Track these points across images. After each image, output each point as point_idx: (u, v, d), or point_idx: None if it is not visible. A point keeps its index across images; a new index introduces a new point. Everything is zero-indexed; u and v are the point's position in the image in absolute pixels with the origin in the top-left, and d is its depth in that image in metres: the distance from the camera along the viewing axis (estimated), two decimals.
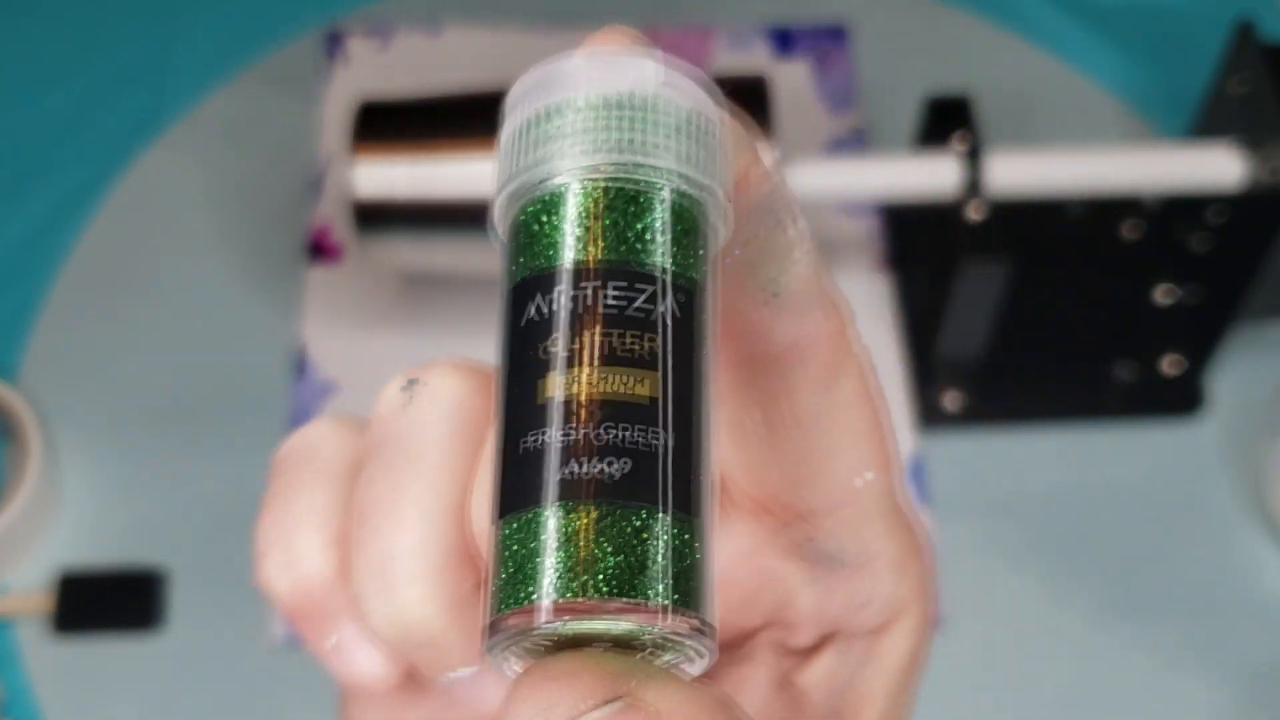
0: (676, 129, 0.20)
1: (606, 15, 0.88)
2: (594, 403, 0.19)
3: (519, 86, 0.21)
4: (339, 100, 0.84)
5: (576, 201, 0.19)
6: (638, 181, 0.20)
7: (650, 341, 0.19)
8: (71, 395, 0.75)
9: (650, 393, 0.19)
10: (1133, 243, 0.79)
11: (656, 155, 0.20)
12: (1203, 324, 0.74)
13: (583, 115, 0.20)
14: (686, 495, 0.19)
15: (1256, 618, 0.69)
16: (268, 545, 0.24)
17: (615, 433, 0.19)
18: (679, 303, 0.19)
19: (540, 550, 0.18)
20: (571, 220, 0.19)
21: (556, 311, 0.19)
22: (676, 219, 0.20)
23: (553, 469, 0.19)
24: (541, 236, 0.20)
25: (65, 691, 0.67)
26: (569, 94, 0.20)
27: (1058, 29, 0.88)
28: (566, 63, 0.20)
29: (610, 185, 0.19)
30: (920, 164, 0.69)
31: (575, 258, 0.19)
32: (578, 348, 0.19)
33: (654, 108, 0.20)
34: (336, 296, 0.78)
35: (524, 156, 0.20)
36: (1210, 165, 0.68)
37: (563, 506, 0.18)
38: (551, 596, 0.18)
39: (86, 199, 0.81)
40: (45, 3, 0.89)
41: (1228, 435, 0.74)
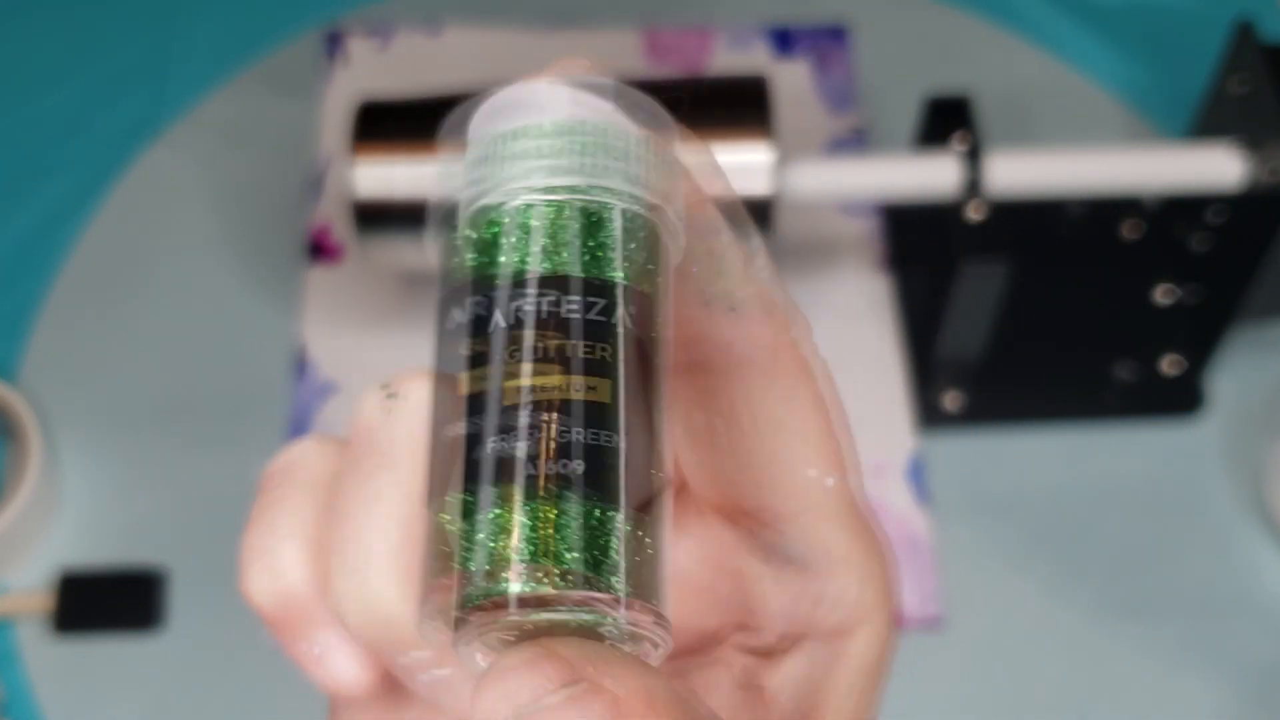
0: (626, 153, 0.22)
1: (605, 16, 0.89)
2: (555, 405, 0.20)
3: (487, 106, 0.23)
4: (339, 100, 0.84)
5: (539, 217, 0.21)
6: (592, 201, 0.21)
7: (605, 349, 0.21)
8: (71, 395, 0.75)
9: (606, 397, 0.20)
10: (1133, 243, 0.79)
11: (608, 177, 0.21)
12: (1202, 324, 0.74)
13: (545, 140, 0.22)
14: (641, 493, 0.21)
15: (1256, 617, 0.69)
16: (250, 557, 0.24)
17: (576, 433, 0.20)
18: (630, 313, 0.21)
19: (505, 545, 0.20)
20: (535, 234, 0.21)
21: (522, 319, 0.21)
22: (628, 235, 0.22)
23: (518, 468, 0.20)
24: (509, 248, 0.21)
25: (65, 691, 0.67)
26: (533, 119, 0.22)
27: (1057, 29, 0.88)
28: (530, 88, 0.22)
29: (568, 203, 0.21)
30: (920, 164, 0.69)
31: (539, 269, 0.21)
32: (541, 353, 0.20)
33: (606, 133, 0.22)
34: (336, 296, 0.78)
35: (492, 173, 0.22)
36: (1210, 165, 0.68)
37: (527, 504, 0.20)
38: (516, 589, 0.20)
39: (87, 199, 0.81)
40: (45, 3, 0.89)
41: (1227, 435, 0.74)
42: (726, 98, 0.68)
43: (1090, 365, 0.76)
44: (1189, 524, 0.72)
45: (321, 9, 0.89)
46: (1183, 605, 0.69)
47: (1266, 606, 0.69)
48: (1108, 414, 0.74)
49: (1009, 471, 0.73)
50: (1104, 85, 0.86)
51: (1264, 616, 0.69)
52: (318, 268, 0.79)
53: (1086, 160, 0.69)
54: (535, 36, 0.88)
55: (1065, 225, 0.79)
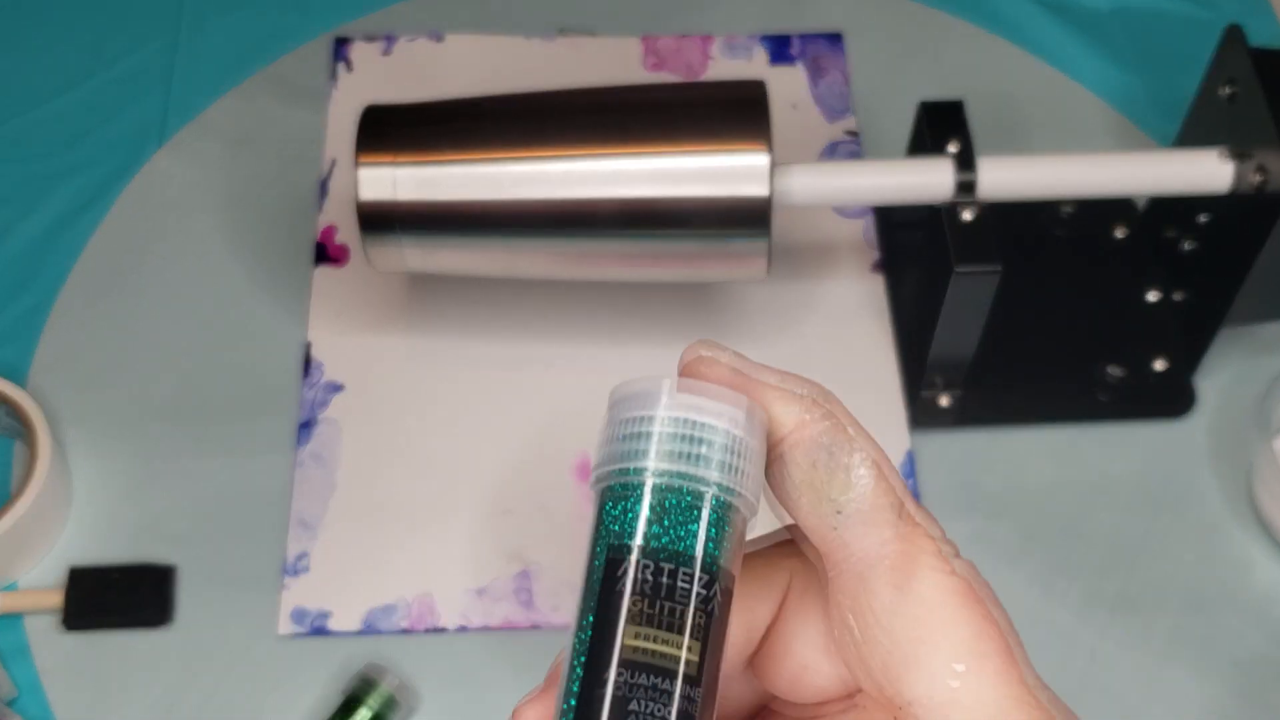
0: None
1: (606, 25, 0.90)
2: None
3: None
4: (344, 105, 0.85)
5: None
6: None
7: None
8: (80, 396, 0.76)
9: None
10: (1123, 245, 0.80)
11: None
12: (1192, 325, 0.75)
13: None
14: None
15: (1245, 613, 0.70)
16: None
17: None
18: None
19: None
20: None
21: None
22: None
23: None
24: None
25: (75, 686, 0.68)
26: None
27: (1049, 35, 0.89)
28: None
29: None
30: (914, 168, 0.69)
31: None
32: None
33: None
34: (342, 299, 0.79)
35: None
36: (1199, 169, 0.69)
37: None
38: None
39: (95, 202, 0.82)
40: (54, 9, 0.90)
41: (1216, 434, 0.75)
42: (724, 103, 0.69)
43: (1081, 365, 0.76)
44: (1179, 521, 0.73)
45: (327, 16, 0.90)
46: (1172, 601, 0.70)
47: (1255, 602, 0.70)
48: (1098, 413, 0.75)
49: (1001, 470, 0.74)
50: (1094, 89, 0.87)
51: (1252, 612, 0.70)
52: (323, 270, 0.80)
53: (1077, 164, 0.70)
54: (536, 44, 0.89)
55: (1057, 227, 0.80)
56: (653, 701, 0.25)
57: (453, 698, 0.67)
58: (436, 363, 0.76)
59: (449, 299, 0.79)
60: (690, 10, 0.91)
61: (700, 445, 0.26)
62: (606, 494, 0.26)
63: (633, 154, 0.67)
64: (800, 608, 0.29)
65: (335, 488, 0.73)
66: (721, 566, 0.26)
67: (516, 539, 0.72)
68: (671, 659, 0.25)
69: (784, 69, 0.88)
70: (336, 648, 0.68)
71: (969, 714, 0.26)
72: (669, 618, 0.25)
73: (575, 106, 0.70)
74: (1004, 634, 0.27)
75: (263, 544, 0.71)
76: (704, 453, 0.26)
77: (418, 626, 0.69)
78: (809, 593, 0.29)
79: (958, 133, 0.69)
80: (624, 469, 0.26)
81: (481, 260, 0.71)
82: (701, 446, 0.26)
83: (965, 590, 0.27)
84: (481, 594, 0.70)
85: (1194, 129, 0.75)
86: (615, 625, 0.25)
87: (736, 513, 0.26)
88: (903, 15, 0.90)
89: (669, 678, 0.25)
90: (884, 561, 0.27)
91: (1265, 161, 0.66)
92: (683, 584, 0.25)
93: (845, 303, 0.78)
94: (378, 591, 0.70)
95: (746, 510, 0.27)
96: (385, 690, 0.66)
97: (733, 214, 0.67)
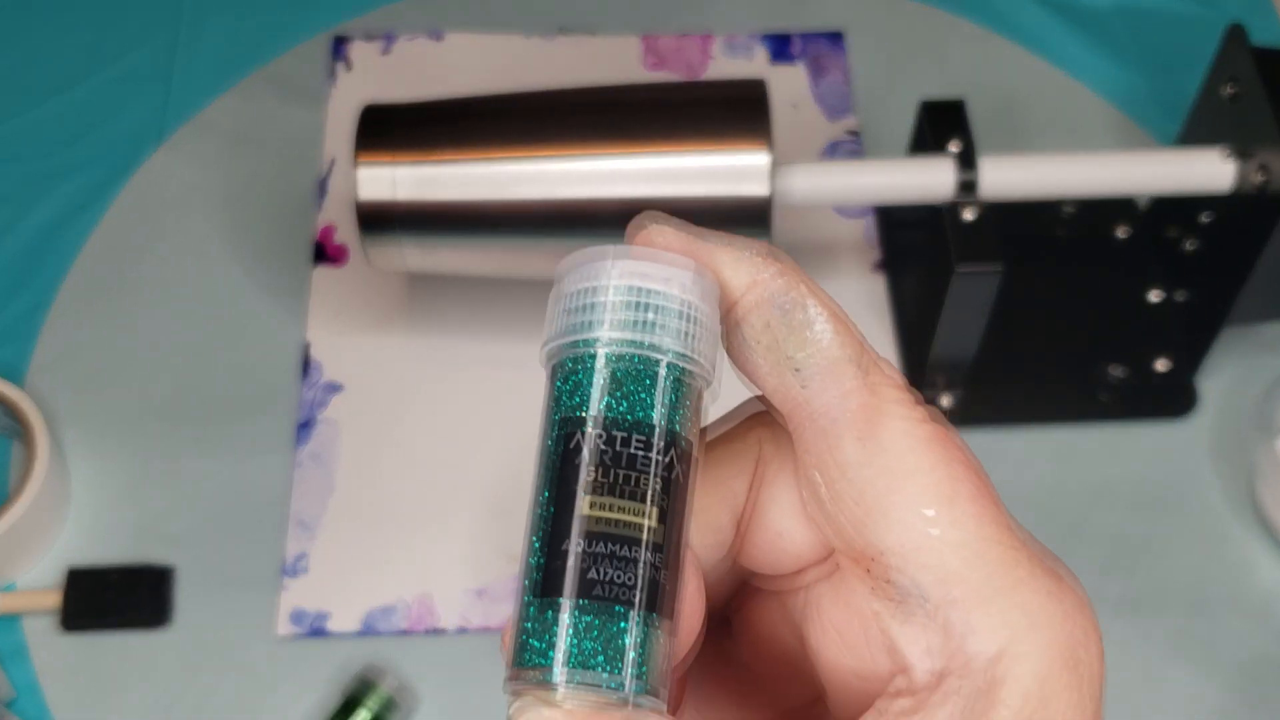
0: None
1: (606, 25, 0.90)
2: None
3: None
4: (343, 104, 0.85)
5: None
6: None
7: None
8: (78, 396, 0.75)
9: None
10: (1125, 245, 0.80)
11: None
12: (1194, 325, 0.75)
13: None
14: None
15: (1247, 613, 0.70)
16: None
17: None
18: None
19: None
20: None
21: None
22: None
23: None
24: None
25: (73, 687, 0.67)
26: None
27: (1051, 34, 0.89)
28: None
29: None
30: (916, 167, 0.69)
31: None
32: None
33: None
34: (340, 298, 0.79)
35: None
36: (1201, 169, 0.69)
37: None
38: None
39: (94, 202, 0.82)
40: (53, 8, 0.90)
41: (1218, 434, 0.75)
42: (725, 102, 0.69)
43: (1083, 366, 0.76)
44: (1181, 522, 0.72)
45: (326, 14, 0.89)
46: (1174, 602, 0.70)
47: (1257, 602, 0.70)
48: (1100, 414, 0.75)
49: (1003, 470, 0.74)
50: (1096, 89, 0.87)
51: (1254, 612, 0.70)
52: (322, 270, 0.80)
53: (1079, 163, 0.70)
54: (535, 43, 0.89)
55: (1058, 227, 0.80)
56: (615, 569, 0.24)
57: (452, 699, 0.67)
58: (436, 363, 0.76)
59: (449, 299, 0.78)
60: (690, 9, 0.90)
61: (650, 312, 0.25)
62: (558, 369, 0.26)
63: (633, 153, 0.67)
64: (771, 476, 0.28)
65: (334, 488, 0.73)
66: (679, 433, 0.26)
67: (516, 539, 0.71)
68: (632, 526, 0.25)
69: (785, 68, 0.88)
70: (335, 649, 0.68)
71: (941, 558, 0.25)
72: (627, 486, 0.25)
73: (575, 106, 0.70)
74: (974, 476, 0.26)
75: (261, 545, 0.71)
76: (654, 319, 0.25)
77: (417, 627, 0.69)
78: (779, 460, 0.28)
79: (959, 132, 0.69)
80: (575, 341, 0.26)
81: (481, 260, 0.71)
82: (650, 313, 0.25)
83: (931, 435, 0.26)
84: (481, 595, 0.70)
85: (1196, 128, 0.75)
86: (573, 497, 0.25)
87: (692, 379, 0.26)
88: (904, 14, 0.90)
89: (630, 545, 0.24)
90: (847, 415, 0.26)
91: (1267, 161, 0.66)
92: (639, 451, 0.25)
93: (846, 302, 0.77)
94: (377, 592, 0.70)
95: (702, 376, 0.26)
96: (384, 692, 0.66)
97: (733, 214, 0.67)
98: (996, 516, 0.26)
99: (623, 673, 0.24)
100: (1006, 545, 0.25)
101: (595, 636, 0.24)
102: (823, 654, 0.28)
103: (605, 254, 0.26)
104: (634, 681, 0.24)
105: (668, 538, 0.25)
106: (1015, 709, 0.24)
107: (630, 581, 0.24)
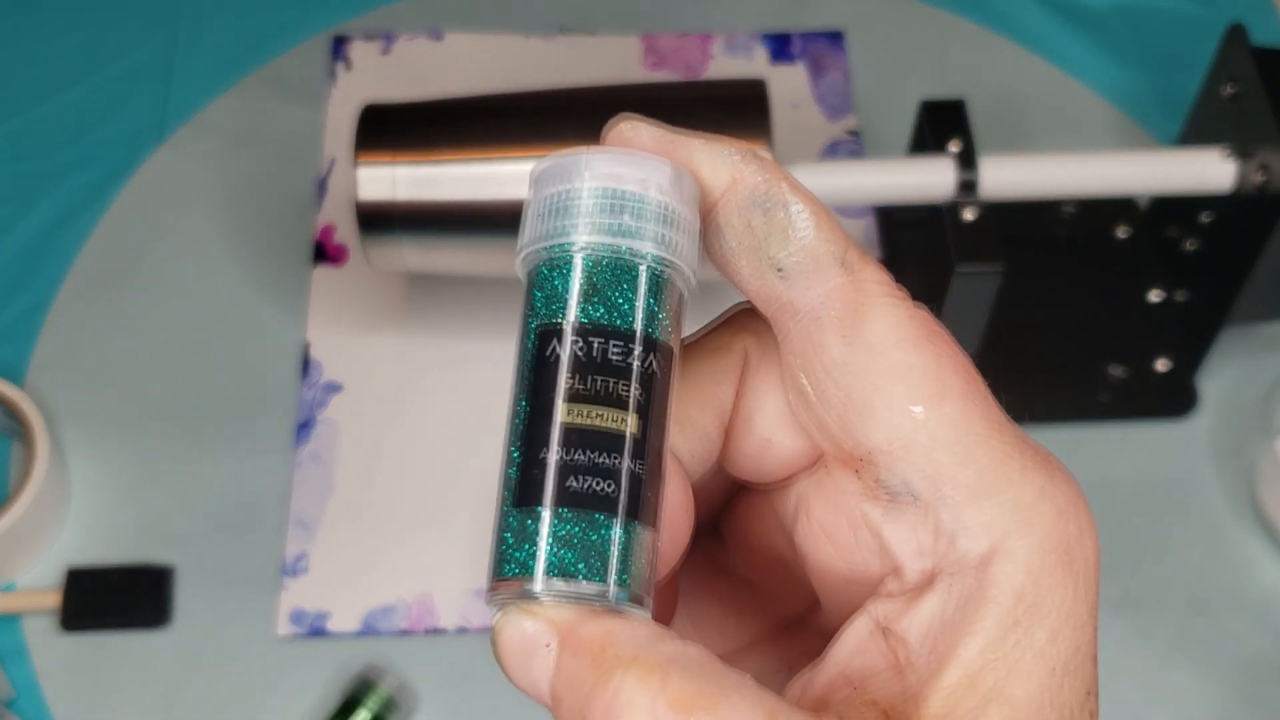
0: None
1: (606, 24, 0.89)
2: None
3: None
4: (343, 104, 0.85)
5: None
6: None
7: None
8: (78, 395, 0.75)
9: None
10: (1125, 245, 0.80)
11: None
12: (1195, 324, 0.75)
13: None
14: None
15: (1248, 614, 0.70)
16: None
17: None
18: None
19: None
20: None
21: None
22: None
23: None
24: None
25: (72, 687, 0.67)
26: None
27: (1051, 34, 0.89)
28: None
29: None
30: (916, 167, 0.69)
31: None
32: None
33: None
34: (341, 298, 0.79)
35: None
36: (1201, 168, 0.68)
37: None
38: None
39: (94, 201, 0.82)
40: (52, 7, 0.90)
41: (1219, 434, 0.75)
42: (725, 102, 0.69)
43: (1083, 365, 0.76)
44: (1181, 522, 0.72)
45: (325, 14, 0.89)
46: (1175, 602, 0.70)
47: (1257, 602, 0.70)
48: (1100, 414, 0.75)
49: None
50: (1096, 88, 0.87)
51: (1255, 612, 0.70)
52: (322, 269, 0.80)
53: (1079, 163, 0.70)
54: (535, 43, 0.89)
55: (1059, 227, 0.80)
56: (595, 477, 0.24)
57: (452, 699, 0.67)
58: (436, 363, 0.76)
59: (449, 299, 0.78)
60: (690, 9, 0.90)
61: (627, 214, 0.25)
62: (534, 274, 0.25)
63: None
64: (757, 382, 0.27)
65: (334, 488, 0.73)
66: (659, 338, 0.25)
67: None
68: (612, 434, 0.24)
69: (785, 68, 0.88)
70: (335, 649, 0.68)
71: (931, 456, 0.24)
72: (606, 392, 0.24)
73: (575, 106, 0.70)
74: (964, 372, 0.25)
75: (261, 545, 0.71)
76: (632, 221, 0.25)
77: (417, 627, 0.69)
78: (765, 365, 0.27)
79: (959, 132, 0.69)
80: (550, 245, 0.25)
81: (481, 260, 0.71)
82: (627, 215, 0.25)
83: (918, 330, 0.25)
84: (481, 595, 0.70)
85: (1196, 128, 0.75)
86: (551, 405, 0.24)
87: (671, 282, 0.25)
88: (904, 14, 0.90)
89: (611, 453, 0.24)
90: (830, 313, 0.25)
91: (1267, 160, 0.66)
92: (617, 357, 0.24)
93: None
94: (377, 592, 0.70)
95: (681, 280, 0.25)
96: (384, 692, 0.66)
97: None
98: (987, 413, 0.25)
99: (606, 581, 0.24)
100: (998, 442, 0.25)
101: (576, 545, 0.24)
102: (813, 559, 0.27)
103: (579, 155, 0.25)
104: (617, 589, 0.24)
105: (648, 444, 0.24)
106: (1007, 607, 0.24)
107: (611, 489, 0.24)
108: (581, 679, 0.23)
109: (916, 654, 0.24)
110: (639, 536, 0.24)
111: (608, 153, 0.25)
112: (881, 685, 0.24)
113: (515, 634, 0.24)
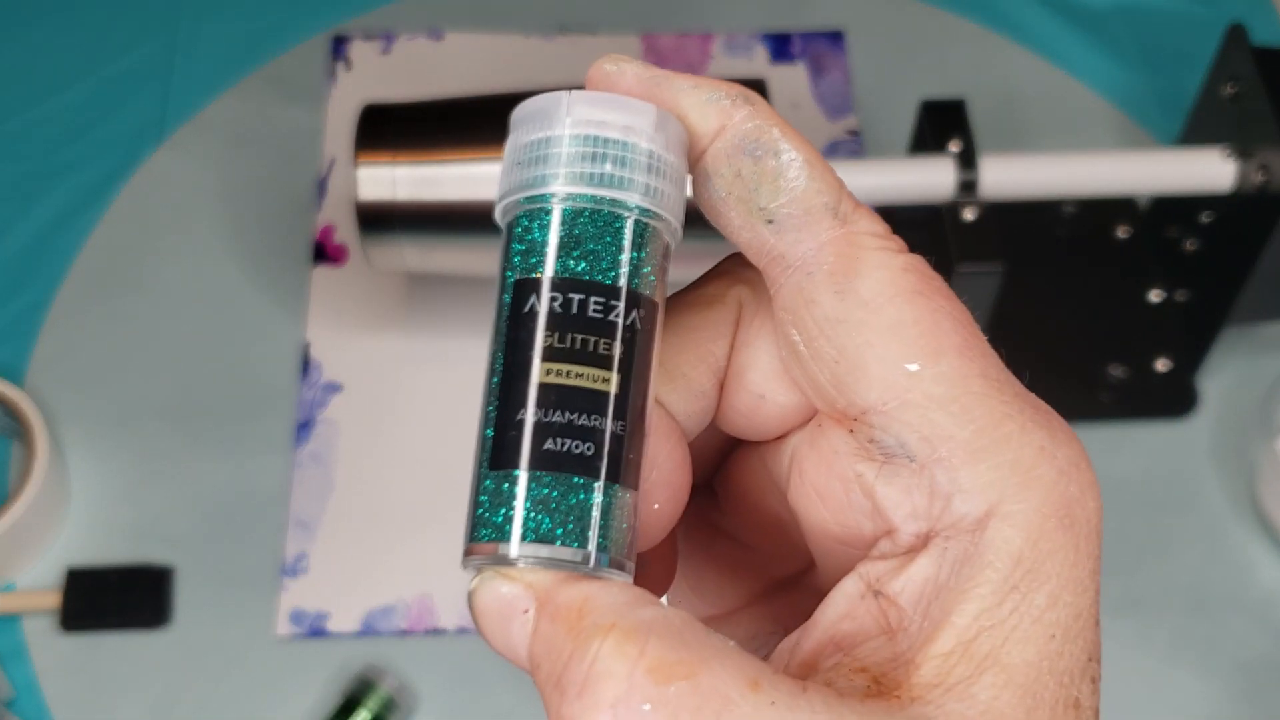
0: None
1: (606, 24, 0.89)
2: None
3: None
4: (343, 104, 0.85)
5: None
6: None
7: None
8: (77, 395, 0.75)
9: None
10: (1125, 245, 0.80)
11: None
12: (1195, 324, 0.75)
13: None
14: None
15: (1248, 614, 0.70)
16: None
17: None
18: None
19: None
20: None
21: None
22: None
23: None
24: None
25: (72, 687, 0.67)
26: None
27: (1051, 34, 0.89)
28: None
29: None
30: (916, 167, 0.69)
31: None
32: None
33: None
34: (340, 298, 0.79)
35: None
36: (1201, 168, 0.68)
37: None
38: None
39: (93, 201, 0.82)
40: (53, 8, 0.90)
41: (1219, 434, 0.75)
42: None
43: (1083, 365, 0.76)
44: (1182, 522, 0.72)
45: (326, 14, 0.89)
46: (1175, 602, 0.70)
47: (1257, 602, 0.70)
48: (1101, 414, 0.75)
49: None
50: (1097, 88, 0.87)
51: (1255, 612, 0.70)
52: (322, 269, 0.80)
53: (1080, 163, 0.70)
54: (535, 42, 0.89)
55: (1059, 227, 0.80)
56: (574, 439, 0.23)
57: (452, 699, 0.67)
58: (436, 363, 0.76)
59: (449, 299, 0.78)
60: (691, 8, 0.90)
61: (609, 162, 0.23)
62: (512, 227, 0.24)
63: None
64: (750, 335, 0.26)
65: (334, 488, 0.73)
66: (641, 292, 0.24)
67: None
68: (593, 394, 0.23)
69: (785, 67, 0.88)
70: (335, 649, 0.68)
71: (926, 414, 0.24)
72: (586, 351, 0.23)
73: None
74: (962, 327, 0.24)
75: (261, 545, 0.71)
76: (614, 170, 0.23)
77: (417, 628, 0.69)
78: (759, 319, 0.26)
79: (959, 132, 0.69)
80: (529, 196, 0.24)
81: (481, 260, 0.71)
82: (610, 164, 0.23)
83: (913, 283, 0.24)
84: None
85: (1196, 128, 0.75)
86: (528, 364, 0.23)
87: (657, 234, 0.24)
88: (904, 14, 0.90)
89: (590, 414, 0.23)
90: (823, 266, 0.24)
91: (1268, 160, 0.66)
92: (598, 313, 0.23)
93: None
94: (376, 592, 0.70)
95: (666, 232, 0.24)
96: (384, 692, 0.66)
97: None
98: (985, 369, 0.24)
99: (585, 546, 0.23)
100: (996, 400, 0.24)
101: (554, 509, 0.23)
102: (807, 519, 0.26)
103: (559, 98, 0.24)
104: (597, 554, 0.23)
105: (630, 404, 0.23)
106: (1004, 572, 0.23)
107: (590, 451, 0.23)
108: (559, 646, 0.22)
109: (909, 618, 0.23)
110: (619, 499, 0.23)
111: (589, 96, 0.24)
112: (872, 650, 0.24)
113: (491, 598, 0.23)
